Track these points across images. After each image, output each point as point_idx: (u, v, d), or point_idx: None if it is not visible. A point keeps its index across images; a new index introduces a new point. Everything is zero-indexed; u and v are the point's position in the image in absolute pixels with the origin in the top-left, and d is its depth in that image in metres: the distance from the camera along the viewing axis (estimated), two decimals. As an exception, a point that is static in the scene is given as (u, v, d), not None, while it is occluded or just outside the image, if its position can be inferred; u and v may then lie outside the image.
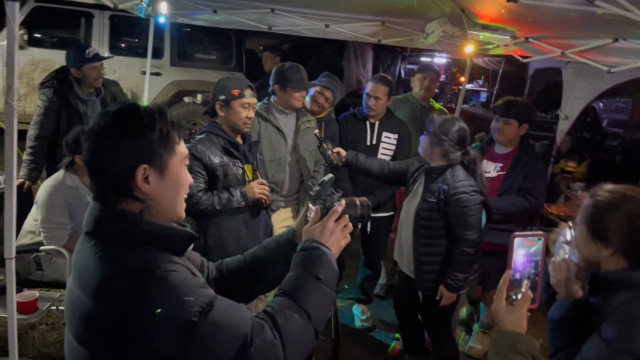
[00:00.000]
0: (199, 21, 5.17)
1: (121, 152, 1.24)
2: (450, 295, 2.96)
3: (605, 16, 2.63)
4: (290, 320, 1.25)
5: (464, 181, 2.88)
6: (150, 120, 1.27)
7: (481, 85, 17.23)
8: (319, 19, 4.97)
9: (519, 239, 1.39)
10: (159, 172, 1.28)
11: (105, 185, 1.28)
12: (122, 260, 1.19)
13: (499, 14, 4.17)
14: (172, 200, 1.33)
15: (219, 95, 2.79)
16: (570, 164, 6.27)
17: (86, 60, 3.79)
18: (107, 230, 1.25)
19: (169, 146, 1.29)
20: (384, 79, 3.88)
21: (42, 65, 7.09)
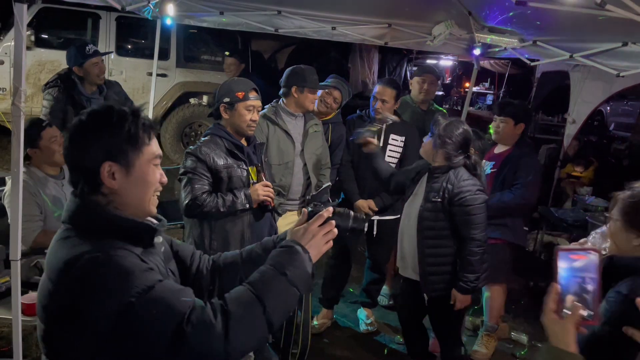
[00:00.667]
0: (206, 23, 5.17)
1: (89, 149, 1.35)
2: (464, 297, 2.93)
3: (614, 20, 2.61)
4: (240, 306, 1.28)
5: (468, 180, 2.88)
6: (119, 121, 1.36)
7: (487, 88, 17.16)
8: (326, 21, 4.97)
9: (563, 252, 1.36)
10: (124, 170, 1.37)
11: (77, 179, 1.39)
12: (79, 246, 1.29)
13: (506, 16, 4.16)
14: (139, 197, 1.41)
15: (224, 98, 2.78)
16: (577, 169, 6.23)
17: (87, 57, 3.80)
18: (77, 220, 1.37)
19: (135, 146, 1.38)
20: (392, 82, 3.86)
21: (48, 66, 7.10)
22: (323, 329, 4.01)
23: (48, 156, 3.16)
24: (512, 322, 4.45)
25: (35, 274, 3.09)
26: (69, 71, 3.87)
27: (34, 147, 3.12)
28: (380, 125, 3.45)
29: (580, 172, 6.25)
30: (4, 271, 2.72)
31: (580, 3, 2.62)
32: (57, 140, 3.18)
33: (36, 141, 3.11)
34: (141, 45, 7.87)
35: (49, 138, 3.14)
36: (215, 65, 8.46)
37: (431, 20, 4.71)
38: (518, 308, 4.74)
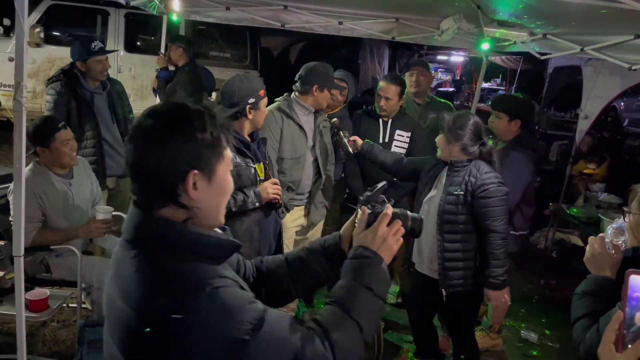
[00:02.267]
0: (212, 18, 5.15)
1: (171, 156, 1.17)
2: (499, 294, 2.85)
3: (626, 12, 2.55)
4: (342, 332, 1.22)
5: (490, 173, 2.83)
6: (201, 123, 1.20)
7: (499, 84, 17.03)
8: (333, 16, 4.93)
9: (635, 276, 1.16)
10: (207, 178, 1.22)
11: (150, 190, 1.21)
12: (169, 272, 1.13)
13: (516, 9, 4.09)
14: (216, 207, 1.27)
15: (248, 98, 2.71)
16: (589, 166, 6.14)
17: (92, 53, 3.78)
18: (150, 239, 1.19)
19: (217, 151, 1.23)
20: (396, 78, 3.81)
21: (58, 63, 7.13)
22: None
23: (57, 158, 3.14)
24: (522, 320, 4.39)
25: (41, 270, 3.12)
26: (71, 66, 3.87)
27: (45, 146, 3.10)
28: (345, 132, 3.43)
29: (593, 169, 6.15)
30: (10, 267, 2.72)
31: (590, -6, 2.56)
32: (70, 144, 3.17)
33: (48, 141, 3.09)
34: (150, 42, 7.89)
35: (62, 140, 3.13)
36: (224, 62, 8.47)
37: (439, 14, 4.65)
38: (529, 306, 4.68)
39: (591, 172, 6.12)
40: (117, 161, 4.01)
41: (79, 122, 3.76)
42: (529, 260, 5.53)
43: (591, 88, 5.01)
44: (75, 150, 3.24)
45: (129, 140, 1.21)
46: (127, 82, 7.71)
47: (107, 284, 1.26)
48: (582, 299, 1.73)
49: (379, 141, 3.75)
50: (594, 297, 1.70)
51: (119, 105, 4.09)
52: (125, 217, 1.25)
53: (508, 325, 4.20)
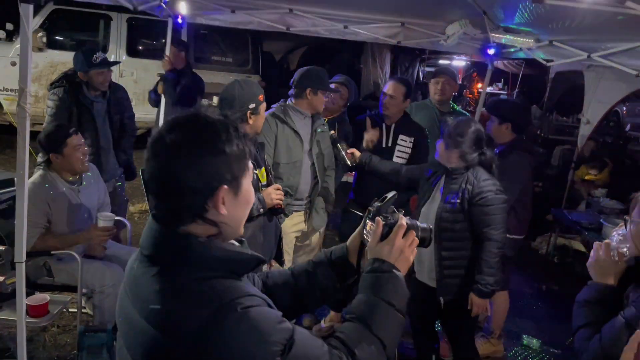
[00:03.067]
0: (217, 21, 5.14)
1: (201, 172, 1.13)
2: (482, 301, 2.86)
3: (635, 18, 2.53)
4: (366, 349, 1.19)
5: (488, 180, 2.81)
6: (228, 136, 1.16)
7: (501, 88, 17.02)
8: (338, 19, 4.92)
9: None
10: (234, 192, 1.18)
11: (177, 207, 1.16)
12: (198, 292, 1.09)
13: (522, 16, 4.08)
14: (240, 220, 1.24)
15: (249, 104, 2.71)
16: (591, 172, 6.12)
17: (93, 66, 3.78)
18: (175, 256, 1.15)
19: (243, 163, 1.20)
20: (402, 79, 3.86)
21: (60, 68, 7.13)
22: (332, 331, 3.95)
23: (70, 163, 3.16)
24: (524, 326, 4.36)
25: (43, 274, 3.11)
26: (74, 72, 3.87)
27: (58, 152, 3.12)
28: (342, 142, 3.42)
29: (594, 175, 6.13)
30: (11, 272, 2.70)
31: (599, 0, 2.54)
32: (81, 149, 3.18)
33: (61, 147, 3.12)
34: (152, 47, 7.90)
35: (74, 145, 3.15)
36: (226, 66, 8.47)
37: (445, 19, 4.64)
38: (530, 312, 4.65)
39: (593, 178, 6.10)
40: (109, 166, 4.02)
41: (78, 129, 3.75)
42: (530, 266, 5.51)
43: (593, 93, 5.00)
44: (87, 155, 3.25)
45: (152, 155, 1.16)
46: (129, 87, 7.65)
47: (121, 297, 1.23)
48: (583, 308, 1.72)
49: (382, 145, 3.74)
50: (595, 305, 1.69)
51: (117, 112, 4.10)
52: (144, 232, 1.20)
53: (509, 331, 4.17)
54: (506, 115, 3.53)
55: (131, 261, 1.24)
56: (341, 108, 3.91)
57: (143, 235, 1.21)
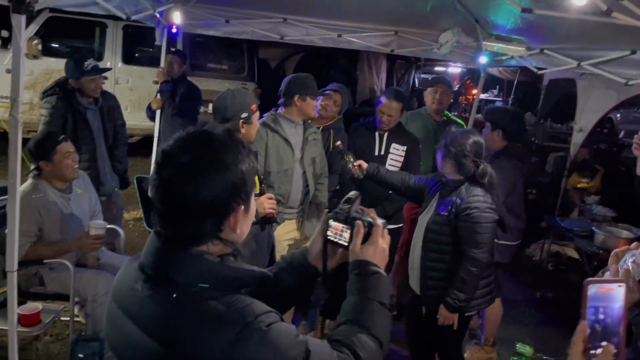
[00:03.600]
0: (212, 31, 5.18)
1: (217, 194, 1.12)
2: (449, 315, 2.83)
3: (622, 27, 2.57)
4: (368, 350, 1.22)
5: (479, 197, 2.76)
6: (240, 155, 1.17)
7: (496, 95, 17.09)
8: (332, 28, 4.96)
9: (594, 285, 1.21)
10: (245, 210, 1.20)
11: (193, 229, 1.15)
12: (219, 314, 1.09)
13: (514, 24, 4.12)
14: (245, 235, 1.25)
15: (241, 113, 2.72)
16: (583, 180, 6.14)
17: (84, 73, 3.78)
18: (185, 277, 1.13)
19: (253, 180, 1.20)
20: (399, 95, 3.81)
21: (56, 75, 7.12)
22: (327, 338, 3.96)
23: (60, 171, 3.14)
24: (517, 333, 4.37)
25: (35, 283, 3.10)
26: (66, 80, 3.87)
27: (48, 160, 3.11)
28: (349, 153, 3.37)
29: (586, 182, 6.16)
30: (3, 281, 2.70)
31: (586, 10, 2.58)
32: (72, 156, 3.17)
33: (50, 154, 3.10)
34: (147, 54, 7.91)
35: (64, 153, 3.13)
36: (221, 74, 8.50)
37: (438, 27, 4.68)
38: (524, 319, 4.66)
39: (585, 185, 6.13)
40: (106, 175, 4.03)
41: (74, 137, 3.75)
42: (524, 272, 5.52)
43: (586, 101, 5.04)
44: (77, 162, 3.24)
45: (165, 177, 1.14)
46: (125, 94, 7.73)
47: (114, 315, 1.21)
48: None
49: (374, 154, 3.76)
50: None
51: (109, 120, 4.10)
52: (149, 252, 1.18)
53: (502, 338, 4.18)
54: (497, 122, 3.54)
55: (129, 280, 1.21)
56: (336, 115, 3.93)
57: (147, 255, 1.19)
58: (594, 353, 1.20)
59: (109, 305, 1.26)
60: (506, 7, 3.48)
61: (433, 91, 4.34)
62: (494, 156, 3.49)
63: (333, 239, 1.44)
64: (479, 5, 4.17)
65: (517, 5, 3.06)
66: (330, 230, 1.44)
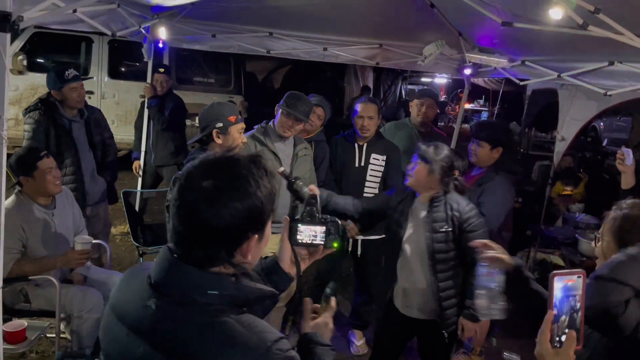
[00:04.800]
0: (198, 45, 5.21)
1: (234, 223, 1.16)
2: (474, 326, 2.82)
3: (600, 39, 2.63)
4: None
5: (469, 205, 2.81)
6: (261, 181, 1.20)
7: (482, 105, 17.29)
8: (317, 42, 5.02)
9: (559, 277, 1.31)
10: (260, 238, 1.24)
11: (207, 251, 1.18)
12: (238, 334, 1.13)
13: (495, 37, 4.20)
14: (257, 258, 1.29)
15: (215, 123, 2.74)
16: (567, 187, 6.22)
17: (65, 81, 3.78)
18: (203, 295, 1.15)
19: (270, 207, 1.24)
20: (371, 98, 3.90)
21: (41, 90, 7.09)
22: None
23: (41, 186, 3.13)
24: (504, 341, 4.39)
25: (20, 300, 3.08)
26: (49, 94, 3.88)
27: (28, 175, 3.10)
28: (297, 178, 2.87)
29: (570, 190, 6.24)
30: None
31: (562, 24, 2.64)
32: (53, 172, 3.16)
33: (31, 170, 3.09)
34: (134, 68, 7.91)
35: (46, 168, 3.11)
36: (208, 87, 8.52)
37: (422, 40, 4.75)
38: (510, 327, 4.68)
39: (569, 192, 6.20)
40: (94, 189, 4.01)
41: (57, 151, 3.75)
42: (512, 282, 5.55)
43: (567, 111, 5.12)
44: (59, 178, 3.23)
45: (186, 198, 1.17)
46: (111, 108, 7.73)
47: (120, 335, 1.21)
48: None
49: (354, 165, 3.78)
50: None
51: (97, 133, 4.10)
52: (162, 270, 1.19)
53: (489, 348, 4.19)
54: (498, 140, 3.47)
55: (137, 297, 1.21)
56: (318, 128, 3.96)
57: (160, 272, 1.20)
58: (559, 340, 1.30)
59: (109, 322, 1.26)
60: (487, 20, 3.54)
61: (419, 103, 4.35)
62: (488, 173, 3.47)
63: (306, 242, 1.52)
64: (461, 18, 4.24)
65: (498, 19, 3.12)
66: (299, 234, 1.53)
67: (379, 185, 3.81)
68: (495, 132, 3.55)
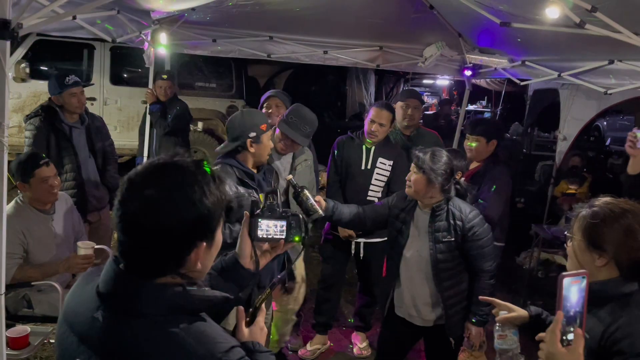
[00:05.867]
0: (199, 50, 5.23)
1: (180, 231, 1.12)
2: (480, 330, 2.84)
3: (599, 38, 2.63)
4: None
5: (473, 212, 2.77)
6: (208, 188, 1.15)
7: (484, 106, 17.26)
8: (318, 45, 5.03)
9: (567, 278, 1.35)
10: (209, 246, 1.21)
11: (153, 261, 1.15)
12: (186, 345, 1.11)
13: (495, 37, 4.20)
14: (209, 265, 1.26)
15: (249, 132, 2.73)
16: (571, 187, 6.21)
17: (65, 87, 3.81)
18: (149, 306, 1.13)
19: (219, 215, 1.20)
20: (388, 105, 3.82)
21: (44, 97, 7.11)
22: (317, 354, 3.96)
23: (36, 194, 3.15)
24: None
25: (23, 306, 3.09)
26: (50, 101, 3.90)
27: (25, 182, 3.12)
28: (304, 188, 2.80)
29: (575, 189, 6.22)
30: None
31: (560, 23, 2.64)
32: (49, 181, 3.17)
33: (28, 177, 3.11)
34: (136, 74, 7.94)
35: (42, 177, 3.13)
36: (210, 92, 8.54)
37: (422, 42, 4.76)
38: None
39: (573, 192, 6.19)
40: (96, 195, 4.03)
41: (58, 157, 3.77)
42: (515, 281, 5.54)
43: (568, 110, 5.12)
44: (57, 187, 3.24)
45: (127, 207, 1.13)
46: (114, 115, 7.77)
47: (70, 346, 1.19)
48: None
49: (361, 167, 3.77)
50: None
51: (98, 140, 4.12)
52: (109, 280, 1.17)
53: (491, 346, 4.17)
54: (492, 133, 3.69)
55: (85, 307, 1.19)
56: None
57: (107, 283, 1.17)
58: (566, 339, 1.35)
59: (61, 330, 1.24)
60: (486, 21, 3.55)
61: (405, 105, 4.12)
62: (488, 164, 3.63)
63: (267, 236, 1.52)
64: (461, 19, 4.24)
65: (496, 19, 3.12)
66: (260, 229, 1.52)
67: (383, 189, 3.79)
68: (488, 126, 3.81)
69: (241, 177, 2.74)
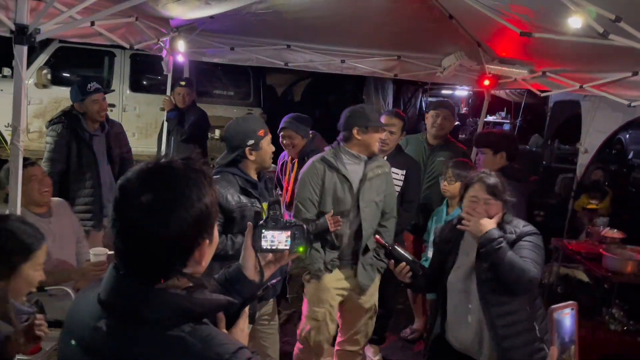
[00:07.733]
0: (217, 58, 5.26)
1: (181, 232, 1.11)
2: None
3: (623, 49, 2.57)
4: None
5: (527, 227, 2.52)
6: (203, 188, 1.14)
7: (503, 117, 17.09)
8: (335, 54, 5.03)
9: (557, 312, 1.37)
10: (210, 241, 1.20)
11: (155, 265, 1.13)
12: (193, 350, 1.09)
13: (515, 47, 4.14)
14: (209, 260, 1.23)
15: (247, 141, 2.69)
16: (592, 201, 6.08)
17: (87, 93, 3.85)
18: (153, 312, 1.11)
19: (215, 210, 1.19)
20: (398, 113, 3.79)
21: (65, 104, 7.13)
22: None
23: (27, 194, 3.06)
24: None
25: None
26: (72, 108, 3.94)
27: None
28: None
29: (595, 204, 6.09)
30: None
31: (582, 33, 2.59)
32: (36, 179, 3.14)
33: None
34: (155, 82, 8.03)
35: (28, 176, 3.07)
36: (228, 100, 8.59)
37: (441, 51, 4.73)
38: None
39: (594, 207, 6.06)
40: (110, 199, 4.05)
41: (78, 163, 3.79)
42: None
43: (590, 122, 5.02)
44: (48, 186, 3.21)
45: (123, 215, 1.11)
46: (132, 121, 7.84)
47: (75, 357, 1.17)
48: None
49: None
50: None
51: (116, 146, 4.15)
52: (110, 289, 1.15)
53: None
54: (499, 145, 3.53)
55: (87, 317, 1.17)
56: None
57: (109, 291, 1.15)
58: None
59: (64, 341, 1.21)
60: (507, 30, 3.50)
61: (435, 114, 4.13)
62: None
63: (271, 247, 1.49)
64: (480, 29, 4.20)
65: (516, 29, 3.07)
66: (264, 240, 1.49)
67: (397, 200, 3.74)
68: (495, 138, 3.64)
69: (244, 186, 2.71)
